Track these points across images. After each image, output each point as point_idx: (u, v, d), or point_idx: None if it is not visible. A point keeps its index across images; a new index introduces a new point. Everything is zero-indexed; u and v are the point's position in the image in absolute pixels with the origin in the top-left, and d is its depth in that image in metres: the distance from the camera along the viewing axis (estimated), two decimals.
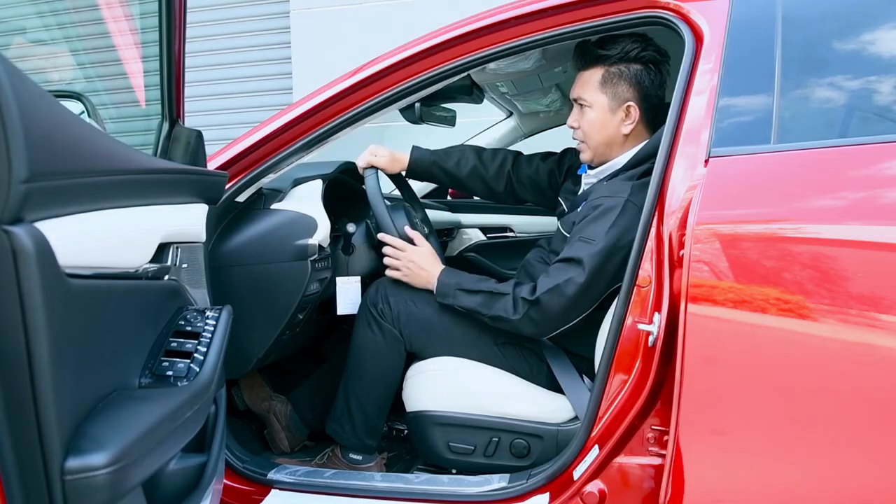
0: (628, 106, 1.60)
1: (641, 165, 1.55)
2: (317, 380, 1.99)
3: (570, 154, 1.91)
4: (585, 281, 1.47)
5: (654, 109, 1.63)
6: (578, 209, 1.63)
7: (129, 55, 1.65)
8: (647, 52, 1.59)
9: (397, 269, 1.70)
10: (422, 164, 1.93)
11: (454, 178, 1.97)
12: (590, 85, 1.62)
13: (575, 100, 1.67)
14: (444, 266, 1.69)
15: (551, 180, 1.93)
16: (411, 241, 1.72)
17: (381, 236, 1.74)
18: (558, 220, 1.76)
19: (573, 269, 1.49)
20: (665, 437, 1.22)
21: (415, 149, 1.95)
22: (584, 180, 1.74)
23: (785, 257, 1.10)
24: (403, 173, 1.96)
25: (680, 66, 1.36)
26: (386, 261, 1.72)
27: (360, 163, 1.85)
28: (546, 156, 1.97)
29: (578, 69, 1.67)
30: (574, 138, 1.71)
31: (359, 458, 1.74)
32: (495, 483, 1.45)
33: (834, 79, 1.26)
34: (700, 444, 1.11)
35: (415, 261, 1.69)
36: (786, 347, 1.07)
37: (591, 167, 1.71)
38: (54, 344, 0.70)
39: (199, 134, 1.30)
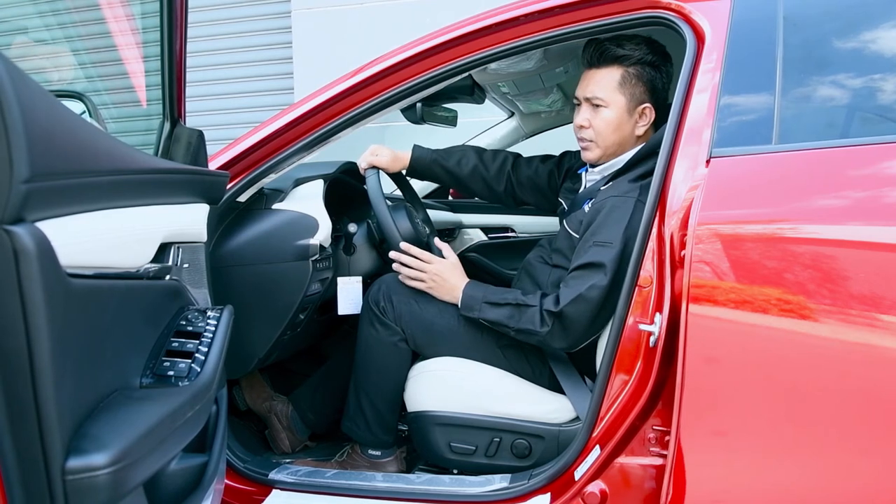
0: (644, 108, 1.60)
1: (642, 163, 1.55)
2: (318, 380, 1.99)
3: (570, 156, 1.91)
4: (608, 284, 1.44)
5: (662, 110, 1.62)
6: (584, 207, 1.62)
7: (130, 55, 1.65)
8: (657, 55, 1.59)
9: (421, 281, 1.67)
10: (423, 162, 1.93)
11: (455, 177, 1.96)
12: (606, 84, 1.60)
13: (587, 98, 1.63)
14: (468, 279, 1.67)
15: (550, 181, 1.93)
16: (426, 248, 1.70)
17: (405, 246, 1.68)
18: (560, 218, 1.76)
19: (595, 275, 1.46)
20: (666, 438, 1.22)
21: (416, 147, 1.95)
22: (586, 177, 1.74)
23: (786, 258, 1.10)
24: (404, 172, 1.96)
25: (680, 66, 1.36)
26: (408, 272, 1.68)
27: (362, 163, 1.85)
28: (545, 158, 1.97)
29: (591, 66, 1.63)
30: (583, 137, 1.66)
31: (378, 453, 1.74)
32: (497, 483, 1.45)
33: (835, 78, 1.26)
34: (701, 444, 1.11)
35: (441, 274, 1.65)
36: (787, 348, 1.07)
37: (593, 165, 1.70)
38: (55, 344, 0.70)
39: (201, 134, 1.30)
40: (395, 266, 1.71)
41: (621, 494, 1.30)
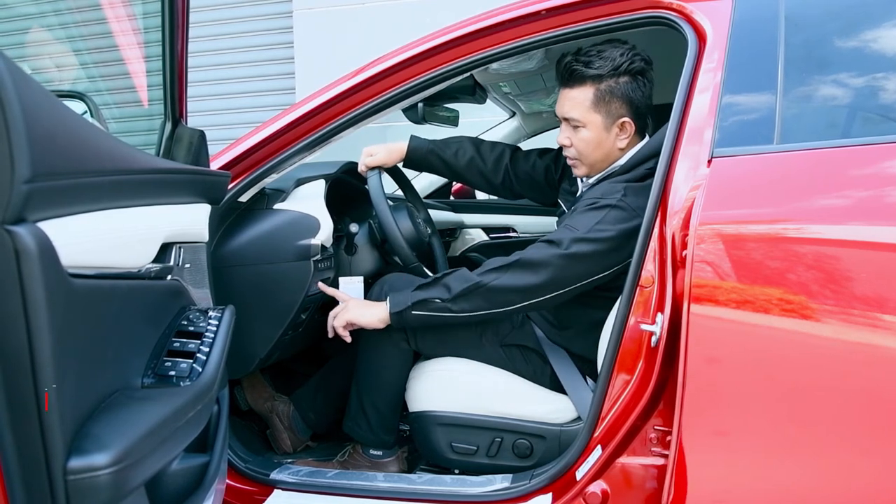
0: (623, 122, 1.57)
1: (641, 166, 1.55)
2: (319, 380, 1.99)
3: None
4: (561, 254, 1.44)
5: (644, 117, 1.61)
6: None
7: (131, 55, 1.65)
8: (634, 64, 1.54)
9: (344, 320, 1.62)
10: (419, 152, 1.92)
11: (451, 168, 1.95)
12: (580, 104, 1.57)
13: (565, 118, 1.61)
14: None
15: (548, 177, 1.92)
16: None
17: (320, 286, 1.68)
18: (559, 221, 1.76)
19: (551, 247, 1.46)
20: (668, 438, 1.22)
21: (413, 138, 1.94)
22: (582, 184, 1.73)
23: (788, 258, 1.10)
24: (401, 164, 1.96)
25: (680, 66, 1.36)
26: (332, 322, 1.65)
27: (361, 167, 1.86)
28: (543, 152, 1.96)
29: (564, 87, 1.60)
30: (567, 155, 1.65)
31: (379, 453, 1.74)
32: (498, 483, 1.45)
33: (837, 78, 1.26)
34: (703, 444, 1.11)
35: (357, 303, 1.64)
36: (789, 348, 1.07)
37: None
38: (57, 344, 0.70)
39: (202, 134, 1.30)
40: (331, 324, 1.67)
41: (623, 494, 1.30)
